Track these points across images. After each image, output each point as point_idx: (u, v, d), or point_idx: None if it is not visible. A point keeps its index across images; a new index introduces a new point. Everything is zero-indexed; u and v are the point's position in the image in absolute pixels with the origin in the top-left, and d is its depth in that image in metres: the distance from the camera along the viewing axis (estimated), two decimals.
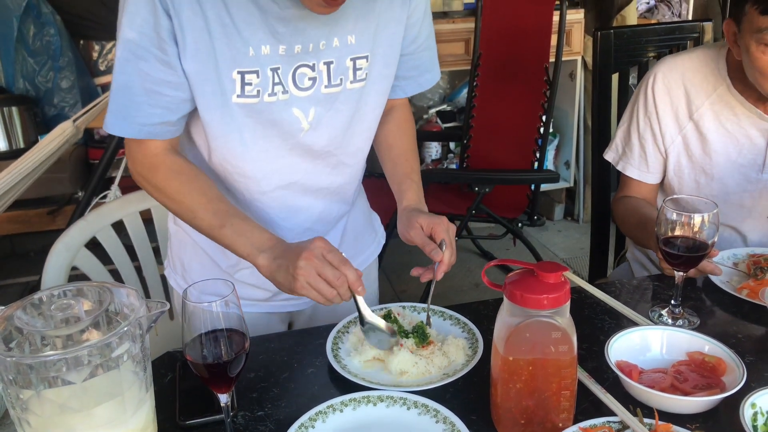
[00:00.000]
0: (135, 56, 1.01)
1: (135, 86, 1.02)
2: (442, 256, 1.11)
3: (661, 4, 3.73)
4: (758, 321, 1.14)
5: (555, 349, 0.86)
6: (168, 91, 1.04)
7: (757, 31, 1.24)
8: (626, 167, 1.53)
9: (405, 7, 1.16)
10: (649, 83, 1.48)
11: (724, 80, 1.41)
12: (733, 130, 1.42)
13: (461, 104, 3.62)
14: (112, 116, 1.05)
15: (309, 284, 1.00)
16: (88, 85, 3.23)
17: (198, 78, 1.04)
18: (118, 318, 0.79)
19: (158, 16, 0.99)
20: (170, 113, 1.06)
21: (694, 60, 1.45)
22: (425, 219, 1.16)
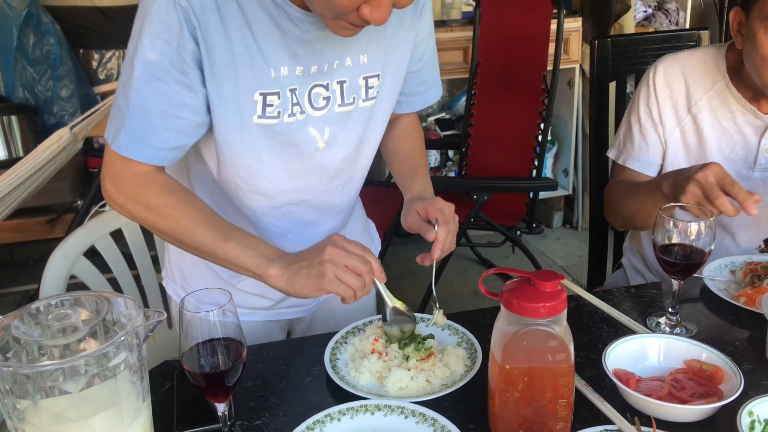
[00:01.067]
0: (155, 78, 0.99)
1: (153, 109, 1.00)
2: (435, 235, 1.11)
3: (658, 12, 3.74)
4: (755, 329, 1.14)
5: (552, 358, 0.86)
6: (186, 114, 1.02)
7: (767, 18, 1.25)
8: (627, 159, 1.53)
9: (414, 26, 1.17)
10: (650, 76, 1.50)
11: (722, 77, 1.44)
12: (727, 126, 1.44)
13: (460, 112, 3.63)
14: (127, 138, 1.02)
15: (337, 277, 0.98)
16: (87, 94, 3.24)
17: (220, 100, 1.03)
18: (116, 327, 0.79)
19: (184, 38, 0.98)
20: (187, 137, 1.05)
21: (695, 57, 1.48)
22: (420, 203, 1.16)
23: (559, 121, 3.59)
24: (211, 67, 1.01)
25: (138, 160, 1.03)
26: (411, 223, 1.17)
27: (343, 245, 1.01)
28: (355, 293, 1.00)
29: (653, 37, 1.91)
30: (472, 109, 2.95)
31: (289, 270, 1.01)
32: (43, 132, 3.07)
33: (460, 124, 3.42)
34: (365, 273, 1.00)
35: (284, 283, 1.02)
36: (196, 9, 0.97)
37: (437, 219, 1.12)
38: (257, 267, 1.03)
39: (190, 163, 1.19)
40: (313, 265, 0.99)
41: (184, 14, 0.96)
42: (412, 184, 1.25)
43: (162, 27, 0.97)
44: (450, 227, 1.13)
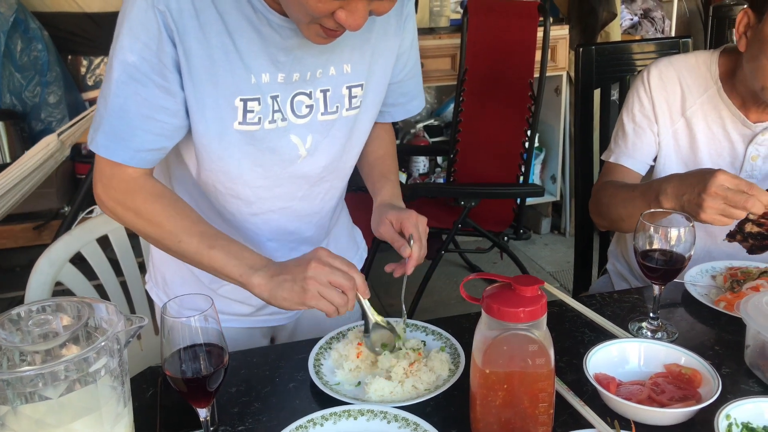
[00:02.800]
0: (133, 80, 1.00)
1: (131, 111, 1.01)
2: (410, 252, 1.13)
3: (644, 20, 3.78)
4: (735, 333, 1.15)
5: (532, 362, 0.87)
6: (164, 117, 1.03)
7: None
8: (619, 157, 1.52)
9: (397, 37, 1.18)
10: (645, 77, 1.50)
11: (715, 83, 1.45)
12: (717, 132, 1.46)
13: (448, 119, 3.65)
14: (105, 138, 1.03)
15: (320, 293, 0.99)
16: (76, 100, 3.23)
17: (199, 105, 1.04)
18: (97, 333, 0.80)
19: (162, 42, 0.98)
20: (165, 140, 1.06)
21: (690, 61, 1.49)
22: (394, 214, 1.17)
23: (547, 128, 3.61)
24: (189, 71, 1.01)
25: (116, 161, 1.04)
26: (383, 233, 1.18)
27: (328, 261, 1.01)
28: (337, 309, 1.01)
29: (636, 45, 1.94)
30: (460, 116, 2.97)
31: (272, 281, 1.02)
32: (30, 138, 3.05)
33: (449, 131, 3.44)
34: (349, 290, 1.01)
35: (267, 294, 1.03)
36: (174, 13, 0.98)
37: (412, 235, 1.14)
38: (241, 276, 1.04)
39: (171, 165, 1.19)
40: (297, 279, 1.00)
41: (162, 18, 0.97)
42: (382, 188, 1.27)
43: (141, 30, 0.98)
44: (423, 242, 1.15)
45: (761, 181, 1.47)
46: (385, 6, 0.94)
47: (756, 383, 1.04)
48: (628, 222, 1.42)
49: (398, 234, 1.16)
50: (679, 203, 1.25)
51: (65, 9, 3.16)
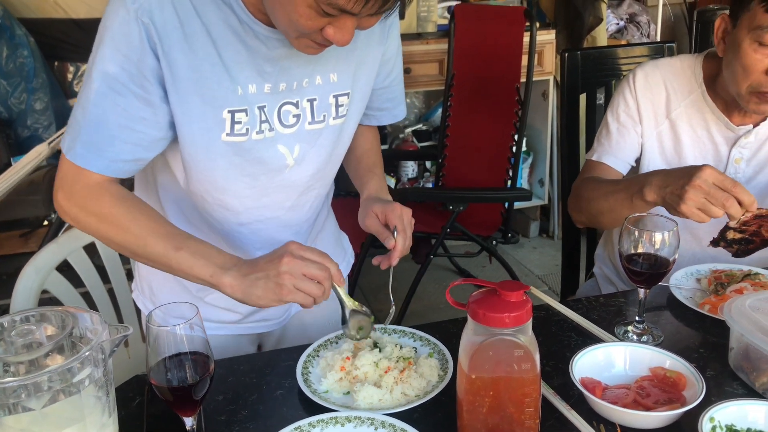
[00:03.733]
0: (113, 90, 0.99)
1: (110, 120, 1.01)
2: (394, 243, 1.14)
3: (630, 25, 3.81)
4: (719, 336, 1.16)
5: (518, 367, 0.87)
6: (143, 128, 1.03)
7: (756, 28, 1.28)
8: (602, 155, 1.53)
9: (381, 45, 1.19)
10: (631, 79, 1.52)
11: (699, 86, 1.47)
12: (701, 134, 1.48)
13: (436, 123, 3.66)
14: (82, 147, 1.02)
15: (296, 287, 0.99)
16: (62, 107, 3.22)
17: (186, 117, 1.04)
18: (82, 342, 0.79)
19: (144, 53, 0.98)
20: (143, 150, 1.05)
21: (675, 64, 1.51)
22: (380, 206, 1.18)
23: (535, 132, 3.63)
24: (174, 84, 1.01)
25: (92, 171, 1.03)
26: (369, 225, 1.19)
27: (301, 254, 1.01)
28: (314, 300, 1.01)
29: (621, 50, 1.95)
30: (448, 121, 2.98)
31: (245, 280, 1.01)
32: (16, 145, 3.04)
33: (437, 135, 3.45)
34: (324, 279, 1.01)
35: (240, 293, 1.01)
36: (158, 26, 0.97)
37: (396, 227, 1.15)
38: (211, 276, 1.02)
39: (158, 174, 1.19)
40: (270, 276, 0.99)
41: (145, 30, 0.97)
42: (369, 182, 1.28)
43: (122, 41, 0.97)
44: (408, 234, 1.16)
45: (745, 184, 1.48)
46: (371, 21, 0.94)
47: (740, 385, 1.05)
48: (608, 216, 1.43)
49: (384, 226, 1.18)
50: (662, 195, 1.25)
51: (51, 15, 3.15)
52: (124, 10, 0.96)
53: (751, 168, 1.47)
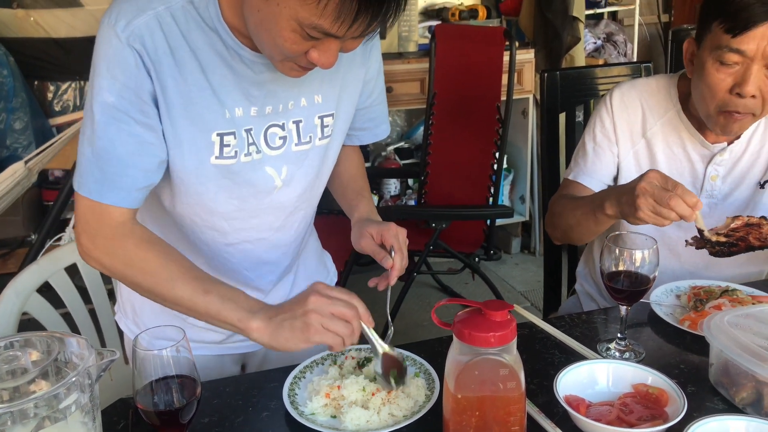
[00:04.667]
0: (116, 120, 0.99)
1: (118, 150, 1.00)
2: (392, 262, 1.15)
3: (607, 44, 3.88)
4: (699, 352, 1.18)
5: (503, 386, 0.88)
6: (150, 152, 1.03)
7: (717, 48, 1.32)
8: (578, 175, 1.55)
9: (363, 66, 1.21)
10: (608, 99, 1.55)
11: (674, 105, 1.50)
12: (677, 152, 1.50)
13: (418, 141, 3.68)
14: (96, 183, 1.01)
15: (324, 326, 0.96)
16: (42, 126, 3.20)
17: (176, 140, 1.04)
18: (68, 368, 0.79)
19: (141, 78, 0.99)
20: (153, 175, 1.05)
21: (651, 84, 1.54)
22: (374, 227, 1.19)
23: (515, 149, 3.67)
24: (166, 107, 1.02)
25: (109, 204, 1.02)
26: (365, 247, 1.20)
27: (327, 293, 0.99)
28: (343, 340, 0.98)
29: (599, 70, 1.99)
30: (429, 139, 3.00)
31: (272, 323, 0.98)
32: None
33: (419, 153, 3.47)
34: (352, 318, 0.98)
35: (267, 337, 0.99)
36: (150, 52, 0.98)
37: (392, 246, 1.15)
38: (239, 321, 1.00)
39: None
40: (297, 316, 0.97)
41: (139, 56, 0.98)
42: (359, 205, 1.29)
43: (118, 70, 0.98)
44: (404, 252, 1.17)
45: (721, 200, 1.51)
46: (355, 44, 0.96)
47: (720, 401, 1.07)
48: (577, 230, 1.47)
49: (379, 246, 1.18)
50: (619, 206, 1.28)
51: (31, 34, 3.14)
52: (115, 38, 0.97)
53: (727, 185, 1.51)
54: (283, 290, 1.31)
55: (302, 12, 0.86)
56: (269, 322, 0.99)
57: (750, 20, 1.27)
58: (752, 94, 1.31)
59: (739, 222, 1.28)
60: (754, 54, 1.29)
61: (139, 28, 0.97)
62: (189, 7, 1.00)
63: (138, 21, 0.97)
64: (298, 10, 0.87)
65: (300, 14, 0.87)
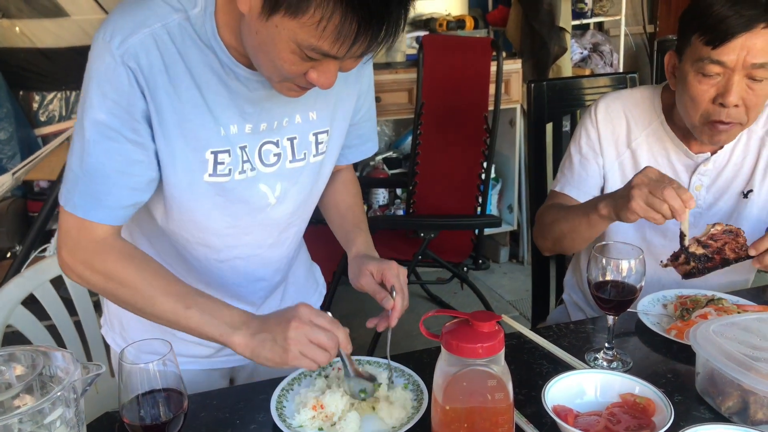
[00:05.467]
0: (106, 138, 0.99)
1: (106, 168, 1.00)
2: (393, 303, 1.13)
3: (593, 54, 3.92)
4: (686, 361, 1.19)
5: (491, 397, 0.88)
6: (139, 171, 1.03)
7: (698, 60, 1.34)
8: (564, 186, 1.57)
9: (357, 82, 1.21)
10: (593, 111, 1.56)
11: (658, 116, 1.52)
12: (662, 163, 1.52)
13: (406, 151, 3.69)
14: (81, 198, 1.02)
15: (302, 353, 0.98)
16: (28, 137, 3.18)
17: (170, 158, 1.04)
18: (53, 382, 0.78)
19: (134, 97, 0.99)
20: (141, 194, 1.05)
21: (635, 95, 1.56)
22: (375, 265, 1.17)
23: (503, 159, 3.69)
24: (161, 125, 1.02)
25: (93, 221, 1.02)
26: (364, 285, 1.17)
27: (310, 318, 0.99)
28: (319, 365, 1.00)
29: (585, 81, 2.01)
30: (418, 149, 3.01)
31: (254, 340, 1.00)
32: None
33: (407, 163, 3.48)
34: (331, 348, 1.00)
35: (249, 353, 1.01)
36: (145, 70, 0.98)
37: (394, 286, 1.14)
38: (221, 335, 1.01)
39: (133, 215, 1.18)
40: (277, 340, 0.98)
41: (133, 74, 0.98)
42: (356, 238, 1.27)
43: (110, 87, 0.98)
44: (405, 293, 1.15)
45: (706, 210, 1.53)
46: (353, 64, 0.96)
47: (707, 410, 1.07)
48: (570, 237, 1.47)
49: (379, 285, 1.16)
50: (614, 202, 1.30)
51: (17, 44, 3.13)
52: (109, 55, 0.97)
53: (711, 195, 1.52)
54: (274, 304, 1.31)
55: (301, 34, 0.86)
56: (251, 338, 1.00)
57: (728, 32, 1.29)
58: (735, 103, 1.33)
59: (719, 228, 1.29)
60: (735, 65, 1.31)
61: (134, 47, 0.97)
62: (185, 24, 1.00)
63: (133, 39, 0.97)
64: (297, 32, 0.86)
65: (299, 36, 0.87)
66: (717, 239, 1.29)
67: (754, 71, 1.31)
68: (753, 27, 1.29)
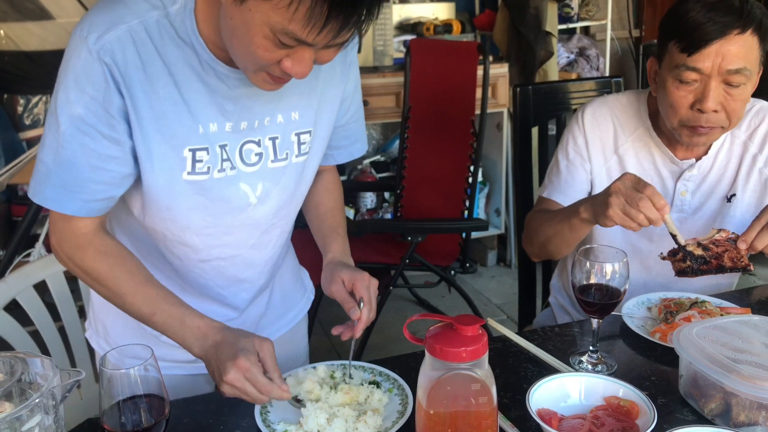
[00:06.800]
0: (81, 132, 0.99)
1: (80, 162, 1.01)
2: (359, 314, 1.13)
3: (580, 58, 3.94)
4: (669, 363, 1.19)
5: (475, 401, 0.88)
6: (113, 166, 1.03)
7: (675, 67, 1.35)
8: (552, 192, 1.57)
9: (342, 83, 1.20)
10: (580, 116, 1.57)
11: (644, 122, 1.53)
12: (648, 168, 1.53)
13: (394, 155, 3.69)
14: (53, 190, 1.02)
15: (235, 389, 1.00)
16: (12, 140, 3.15)
17: (147, 155, 1.04)
18: (31, 389, 0.77)
19: (110, 93, 0.98)
20: (115, 188, 1.06)
21: (622, 100, 1.57)
22: (347, 274, 1.17)
23: (490, 163, 3.70)
24: (138, 121, 1.01)
25: (66, 213, 1.04)
26: (334, 292, 1.18)
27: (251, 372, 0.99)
28: None
29: (571, 85, 2.02)
30: (405, 152, 3.01)
31: (205, 355, 1.05)
32: None
33: (395, 167, 3.48)
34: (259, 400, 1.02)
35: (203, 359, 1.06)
36: (120, 66, 0.98)
37: (362, 298, 1.14)
38: (181, 343, 1.08)
39: (114, 210, 1.17)
40: (219, 372, 1.01)
41: (108, 69, 0.97)
42: (332, 243, 1.27)
43: (87, 82, 0.97)
44: (373, 305, 1.15)
45: (691, 215, 1.54)
46: (329, 55, 0.96)
47: (690, 412, 1.08)
48: (554, 242, 1.48)
49: (349, 294, 1.16)
50: (593, 207, 1.31)
51: (1, 47, 3.10)
52: (86, 51, 0.96)
53: (696, 200, 1.53)
54: (258, 309, 1.30)
55: (274, 17, 0.86)
56: (204, 353, 1.05)
57: (703, 39, 1.31)
58: (713, 109, 1.34)
59: (724, 234, 1.29)
60: (710, 71, 1.32)
61: (110, 42, 0.96)
62: (164, 21, 1.00)
63: (110, 35, 0.97)
64: (269, 14, 0.86)
65: (272, 19, 0.87)
66: (719, 245, 1.29)
67: (730, 77, 1.32)
68: (727, 33, 1.30)
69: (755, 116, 1.52)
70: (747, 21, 1.30)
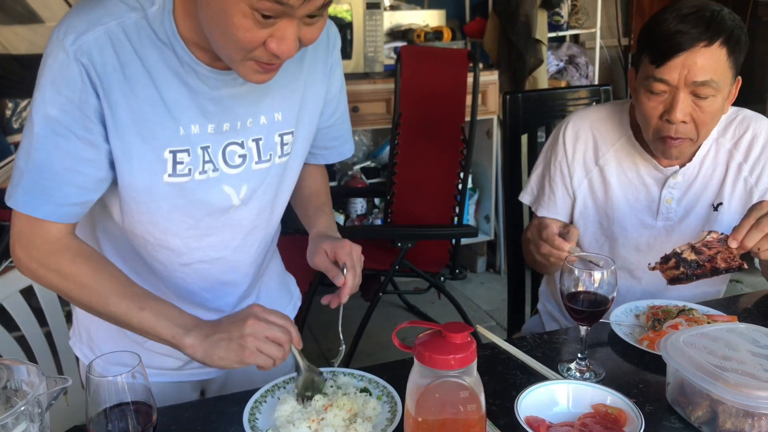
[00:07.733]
0: (55, 134, 0.98)
1: (54, 164, 0.99)
2: (344, 280, 1.14)
3: (569, 66, 3.96)
4: (657, 371, 1.20)
5: (464, 408, 0.88)
6: (88, 170, 1.02)
7: (645, 78, 1.38)
8: (538, 208, 1.62)
9: (324, 85, 1.21)
10: (561, 131, 1.59)
11: (626, 131, 1.54)
12: (632, 177, 1.54)
13: (384, 161, 3.70)
14: (25, 194, 1.00)
15: (258, 349, 0.99)
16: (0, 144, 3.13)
17: (126, 157, 1.03)
18: (17, 396, 0.76)
19: (86, 94, 0.97)
20: (89, 192, 1.04)
21: (602, 112, 1.58)
22: (329, 243, 1.18)
23: (480, 169, 3.71)
24: (115, 124, 1.00)
25: (38, 217, 1.01)
26: (318, 263, 1.19)
27: (265, 317, 1.01)
28: (274, 362, 1.01)
29: (560, 92, 2.04)
30: (395, 159, 3.01)
31: (207, 341, 1.01)
32: None
33: (385, 173, 3.49)
34: (285, 342, 1.02)
35: (201, 354, 1.01)
36: (98, 67, 0.97)
37: (345, 264, 1.15)
38: (173, 337, 1.02)
39: (96, 215, 1.16)
40: (233, 338, 0.99)
41: (85, 70, 0.97)
42: (317, 219, 1.28)
43: (63, 83, 0.97)
44: (357, 271, 1.16)
45: (677, 223, 1.55)
46: (313, 33, 0.95)
47: (677, 419, 1.09)
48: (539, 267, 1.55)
49: (333, 263, 1.18)
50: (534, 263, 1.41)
51: None
52: (63, 52, 0.96)
53: (683, 207, 1.54)
54: None
55: None
56: (204, 340, 1.01)
57: (670, 51, 1.33)
58: (681, 120, 1.36)
59: (715, 235, 1.30)
60: (677, 82, 1.34)
61: (87, 44, 0.96)
62: (142, 22, 0.99)
63: (87, 36, 0.96)
64: None
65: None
66: (711, 247, 1.30)
67: (697, 89, 1.34)
68: (694, 45, 1.31)
69: (740, 125, 1.53)
70: (715, 33, 1.31)
